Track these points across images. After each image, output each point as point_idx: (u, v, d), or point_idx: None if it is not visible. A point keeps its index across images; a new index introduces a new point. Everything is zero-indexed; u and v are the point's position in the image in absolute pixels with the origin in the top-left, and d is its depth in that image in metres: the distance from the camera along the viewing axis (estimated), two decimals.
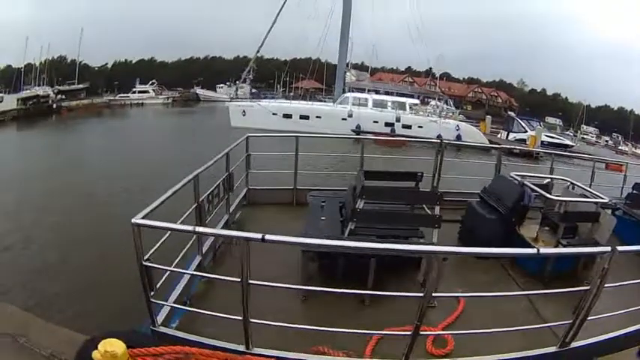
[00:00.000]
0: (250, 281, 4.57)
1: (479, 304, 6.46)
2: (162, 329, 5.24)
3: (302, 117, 40.52)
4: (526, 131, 58.27)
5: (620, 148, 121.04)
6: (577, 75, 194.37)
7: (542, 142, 54.10)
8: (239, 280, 4.66)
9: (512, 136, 58.07)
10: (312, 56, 61.55)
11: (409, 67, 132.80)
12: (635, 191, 12.36)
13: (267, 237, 4.46)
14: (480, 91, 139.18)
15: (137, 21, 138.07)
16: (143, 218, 4.81)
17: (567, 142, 65.41)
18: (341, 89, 47.11)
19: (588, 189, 10.67)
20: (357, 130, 40.54)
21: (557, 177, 11.08)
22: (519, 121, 61.33)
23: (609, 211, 9.44)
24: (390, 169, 11.01)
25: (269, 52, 47.80)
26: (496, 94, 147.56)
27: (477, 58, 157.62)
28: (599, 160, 17.27)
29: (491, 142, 47.16)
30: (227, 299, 5.00)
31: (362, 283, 6.07)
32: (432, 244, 7.28)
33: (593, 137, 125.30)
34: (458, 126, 47.72)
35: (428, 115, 48.23)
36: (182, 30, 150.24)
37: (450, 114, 53.63)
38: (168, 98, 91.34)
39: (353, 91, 48.25)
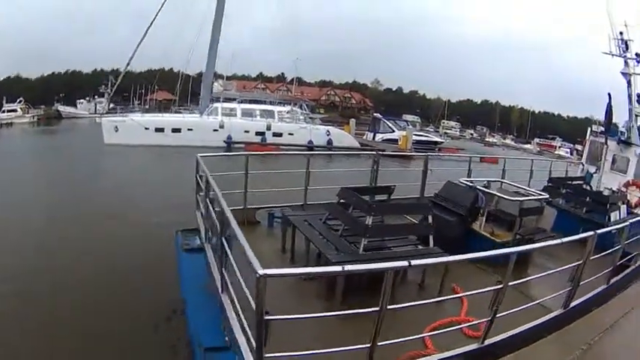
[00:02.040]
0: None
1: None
2: None
3: (174, 130, 40.47)
4: (393, 131, 61.14)
5: (487, 139, 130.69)
6: (437, 72, 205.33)
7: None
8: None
9: (379, 136, 60.93)
10: (180, 67, 61.42)
11: (260, 73, 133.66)
12: (550, 184, 15.57)
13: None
14: (333, 93, 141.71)
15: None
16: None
17: (436, 139, 70.88)
18: (208, 100, 47.14)
19: (521, 186, 13.58)
20: (229, 142, 40.92)
21: (491, 179, 13.31)
22: (385, 121, 64.16)
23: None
24: (361, 185, 12.09)
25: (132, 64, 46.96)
26: (350, 95, 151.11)
27: (333, 59, 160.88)
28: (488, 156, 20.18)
29: (362, 144, 51.99)
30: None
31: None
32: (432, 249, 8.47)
33: (456, 131, 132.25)
34: (328, 131, 50.39)
35: (297, 122, 48.78)
36: (45, 43, 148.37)
37: (309, 119, 54.41)
38: (34, 117, 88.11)
39: (220, 101, 48.22)
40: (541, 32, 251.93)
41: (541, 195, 12.08)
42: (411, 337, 5.73)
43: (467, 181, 12.51)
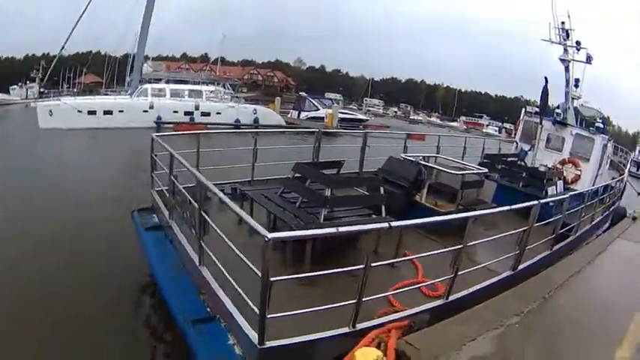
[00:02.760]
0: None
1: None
2: (275, 342, 5.56)
3: (106, 112, 40.17)
4: (318, 109, 61.58)
5: (411, 117, 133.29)
6: (363, 51, 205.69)
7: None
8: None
9: (303, 114, 61.41)
10: (108, 49, 60.73)
11: (184, 53, 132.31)
12: (486, 160, 16.99)
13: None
14: (256, 72, 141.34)
15: None
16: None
17: (361, 116, 72.56)
18: (137, 81, 46.79)
19: (459, 161, 15.22)
20: (159, 122, 41.05)
21: (429, 155, 14.50)
22: (311, 100, 64.42)
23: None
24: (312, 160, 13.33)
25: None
26: (273, 74, 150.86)
27: (256, 39, 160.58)
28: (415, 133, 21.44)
29: (287, 122, 53.69)
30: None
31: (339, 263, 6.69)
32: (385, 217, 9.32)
33: (380, 109, 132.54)
34: (255, 109, 50.84)
35: (224, 102, 49.19)
36: None
37: (236, 98, 54.90)
38: None
39: (150, 82, 48.07)
40: (474, 14, 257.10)
41: (480, 169, 13.34)
42: (380, 295, 6.49)
43: (409, 156, 13.60)
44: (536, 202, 8.91)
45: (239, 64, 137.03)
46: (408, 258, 8.04)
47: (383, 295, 6.61)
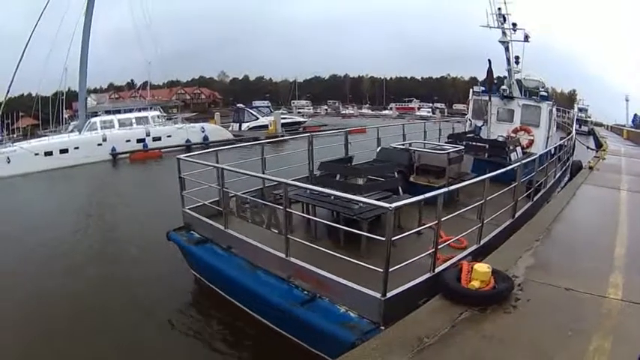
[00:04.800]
0: None
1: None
2: (390, 293, 7.20)
3: (62, 151, 40.43)
4: (257, 118, 63.75)
5: (342, 112, 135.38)
6: (282, 56, 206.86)
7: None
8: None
9: (245, 125, 62.75)
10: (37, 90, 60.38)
11: (111, 83, 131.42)
12: (450, 139, 19.82)
13: None
14: (183, 92, 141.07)
15: None
16: None
17: (299, 119, 76.99)
18: (84, 116, 47.29)
19: (435, 144, 17.96)
20: (114, 153, 41.90)
21: (412, 141, 17.50)
22: (250, 110, 65.63)
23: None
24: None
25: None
26: (200, 92, 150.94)
27: (179, 59, 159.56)
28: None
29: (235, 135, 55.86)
30: None
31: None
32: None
33: (310, 109, 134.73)
34: (203, 128, 51.96)
35: (173, 124, 50.36)
36: None
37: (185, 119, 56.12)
38: None
39: (92, 116, 48.62)
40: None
41: (458, 147, 15.96)
42: (430, 251, 7.99)
43: (398, 144, 16.21)
44: (518, 163, 12.06)
45: (165, 86, 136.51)
46: (431, 224, 8.47)
47: (438, 246, 8.17)
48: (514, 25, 22.49)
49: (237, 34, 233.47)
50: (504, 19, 22.38)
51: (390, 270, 7.09)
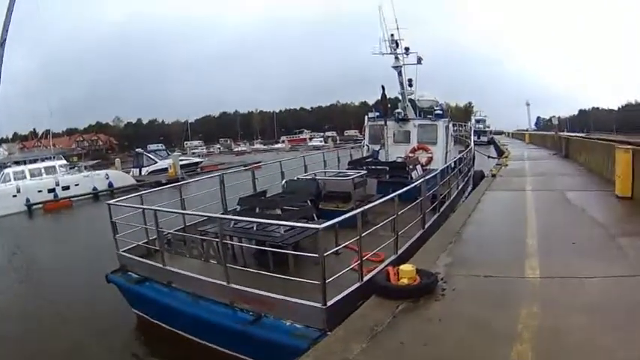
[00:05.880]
0: None
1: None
2: (330, 301, 8.04)
3: None
4: (156, 162, 63.58)
5: (235, 149, 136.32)
6: (172, 96, 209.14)
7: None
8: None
9: (145, 170, 62.65)
10: None
11: (15, 132, 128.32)
12: (350, 166, 20.36)
13: None
14: (82, 139, 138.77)
15: None
16: None
17: (196, 160, 77.39)
18: None
19: (337, 170, 19.40)
20: (29, 204, 40.99)
21: (315, 171, 18.38)
22: (148, 155, 65.65)
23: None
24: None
25: None
26: (97, 138, 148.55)
27: (75, 105, 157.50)
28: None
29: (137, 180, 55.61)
30: None
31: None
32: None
33: (203, 149, 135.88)
34: (107, 175, 50.99)
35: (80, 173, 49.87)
36: None
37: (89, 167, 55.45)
38: None
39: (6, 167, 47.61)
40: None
41: (361, 172, 16.75)
42: (353, 265, 8.99)
43: (303, 175, 17.30)
44: (420, 180, 13.40)
45: (64, 134, 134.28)
46: (350, 242, 9.39)
47: (359, 261, 8.91)
48: (407, 49, 23.35)
49: (129, 78, 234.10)
50: (397, 45, 23.20)
51: (326, 282, 7.99)
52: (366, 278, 8.90)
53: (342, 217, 9.19)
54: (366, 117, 25.12)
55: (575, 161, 30.85)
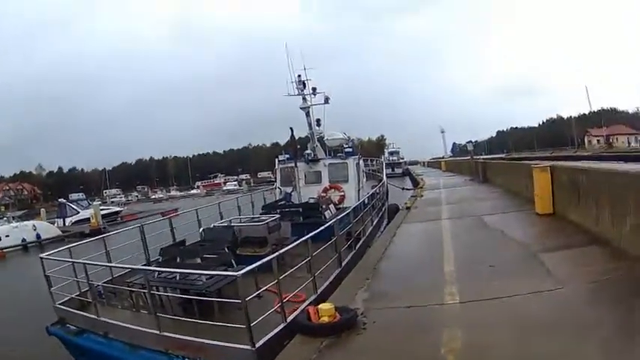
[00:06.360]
0: None
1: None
2: (258, 343, 8.31)
3: None
4: (78, 212, 62.62)
5: (153, 197, 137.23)
6: (90, 143, 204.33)
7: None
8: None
9: (69, 220, 61.79)
10: None
11: None
12: (264, 210, 20.20)
13: None
14: (8, 188, 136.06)
15: None
16: None
17: (116, 209, 76.93)
18: None
19: (251, 216, 19.43)
20: None
21: (231, 218, 18.31)
22: (71, 205, 64.75)
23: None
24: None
25: None
26: (22, 187, 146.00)
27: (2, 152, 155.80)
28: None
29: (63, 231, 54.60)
30: None
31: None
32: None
33: (122, 198, 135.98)
34: (34, 226, 50.83)
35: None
36: None
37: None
38: None
39: None
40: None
41: (274, 216, 16.96)
42: (274, 308, 9.28)
43: (219, 223, 17.42)
44: (332, 221, 13.75)
45: None
46: (270, 285, 9.83)
47: (280, 303, 9.36)
48: (314, 89, 23.85)
49: (50, 125, 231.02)
50: (304, 86, 23.64)
51: (252, 324, 8.26)
52: (289, 319, 9.17)
53: (259, 262, 9.47)
54: (276, 160, 25.37)
55: (493, 185, 31.82)
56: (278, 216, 17.14)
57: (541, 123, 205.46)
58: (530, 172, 18.14)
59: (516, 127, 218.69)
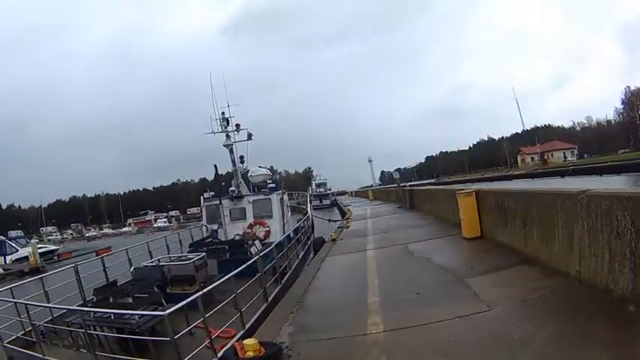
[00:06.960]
0: None
1: None
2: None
3: None
4: (18, 250, 60.52)
5: (87, 235, 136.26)
6: (28, 179, 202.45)
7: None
8: None
9: (8, 258, 59.31)
10: None
11: None
12: (192, 248, 20.58)
13: None
14: None
15: None
16: None
17: (53, 247, 74.59)
18: None
19: (179, 255, 19.50)
20: None
21: (159, 257, 18.63)
22: (10, 243, 62.58)
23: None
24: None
25: None
26: None
27: None
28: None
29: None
30: None
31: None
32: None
33: (58, 235, 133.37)
34: None
35: None
36: None
37: None
38: None
39: None
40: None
41: (200, 254, 17.20)
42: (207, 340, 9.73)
43: (148, 263, 17.74)
44: (256, 257, 13.96)
45: None
46: (198, 322, 10.13)
47: (209, 340, 9.78)
48: (237, 126, 24.55)
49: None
50: (228, 123, 24.26)
51: None
52: (220, 354, 9.41)
53: (185, 301, 9.77)
54: (201, 197, 25.89)
55: (421, 211, 32.21)
56: (204, 254, 17.36)
57: (472, 145, 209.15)
58: (456, 198, 18.62)
59: (446, 152, 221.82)
